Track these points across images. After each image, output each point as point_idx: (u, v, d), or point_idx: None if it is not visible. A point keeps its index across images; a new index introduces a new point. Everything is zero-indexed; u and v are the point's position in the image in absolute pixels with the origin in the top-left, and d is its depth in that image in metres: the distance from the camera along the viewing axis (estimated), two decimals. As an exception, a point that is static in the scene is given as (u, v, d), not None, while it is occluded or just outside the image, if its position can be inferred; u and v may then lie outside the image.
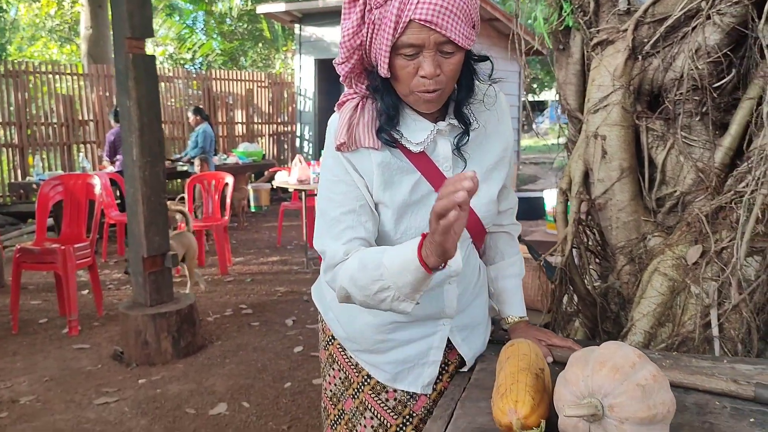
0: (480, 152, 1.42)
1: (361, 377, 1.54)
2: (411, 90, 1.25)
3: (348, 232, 1.33)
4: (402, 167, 1.35)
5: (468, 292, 1.53)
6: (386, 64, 1.22)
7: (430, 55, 1.19)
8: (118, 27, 3.83)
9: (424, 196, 1.36)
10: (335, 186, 1.36)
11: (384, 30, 1.18)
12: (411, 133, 1.34)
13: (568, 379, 1.08)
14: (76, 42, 18.08)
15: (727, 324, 1.71)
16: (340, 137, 1.31)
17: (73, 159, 9.31)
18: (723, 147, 1.87)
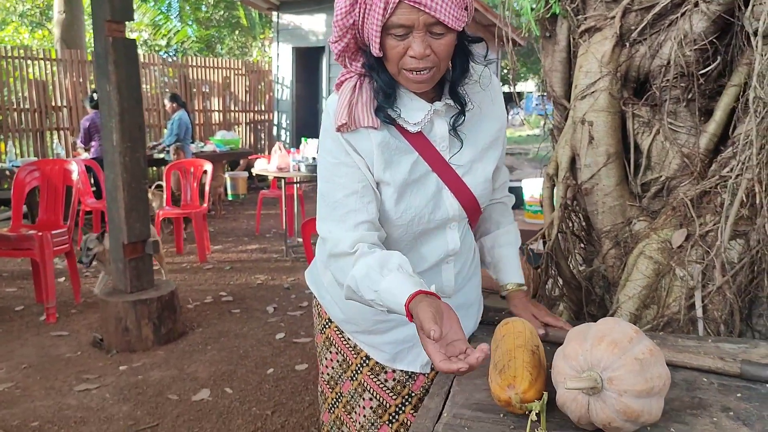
0: (475, 132, 1.44)
1: (360, 359, 1.55)
2: (400, 69, 1.26)
3: (352, 215, 1.34)
4: (400, 147, 1.36)
5: (464, 271, 1.56)
6: (378, 43, 1.23)
7: (419, 35, 1.20)
8: (97, 10, 3.77)
9: (423, 176, 1.38)
10: (336, 168, 1.36)
11: (374, 10, 1.19)
12: (408, 112, 1.35)
13: (568, 354, 1.11)
14: (48, 27, 17.73)
15: (710, 305, 1.76)
16: (340, 118, 1.31)
17: (46, 145, 9.14)
18: (708, 133, 1.91)
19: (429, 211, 1.40)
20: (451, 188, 1.41)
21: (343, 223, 1.34)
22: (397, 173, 1.36)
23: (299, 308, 4.68)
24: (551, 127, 2.50)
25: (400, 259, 1.27)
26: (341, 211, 1.35)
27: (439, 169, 1.39)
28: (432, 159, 1.38)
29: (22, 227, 4.74)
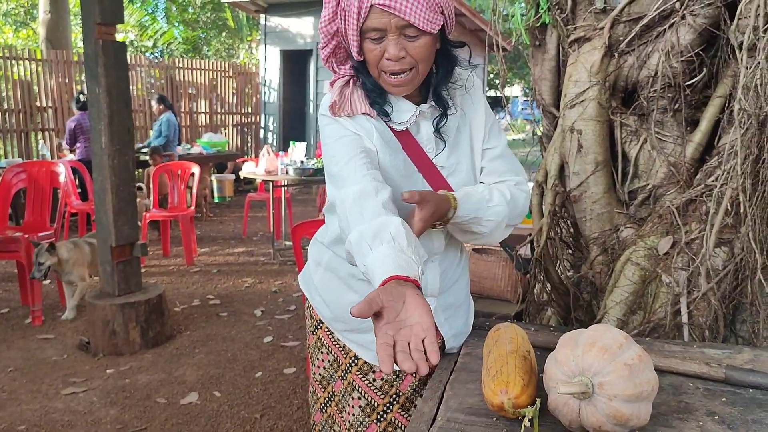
0: (459, 134, 1.48)
1: (349, 358, 1.57)
2: (380, 72, 1.32)
3: (357, 171, 1.30)
4: (393, 143, 1.41)
5: (450, 271, 1.57)
6: (357, 47, 1.30)
7: (393, 38, 1.26)
8: (87, 12, 3.76)
9: (410, 175, 1.43)
10: (336, 144, 1.38)
11: (350, 16, 1.27)
12: (396, 113, 1.41)
13: (559, 359, 1.14)
14: (32, 26, 17.58)
15: (696, 311, 1.80)
16: (332, 99, 1.36)
17: (30, 146, 9.07)
18: (693, 142, 1.96)
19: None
20: (436, 189, 1.43)
21: (347, 179, 1.31)
22: (394, 164, 1.40)
23: (287, 312, 4.69)
24: (540, 134, 2.54)
25: (397, 229, 1.17)
26: (345, 173, 1.32)
27: (424, 170, 1.43)
28: (418, 159, 1.43)
29: (8, 229, 4.71)
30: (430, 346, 0.96)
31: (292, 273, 5.75)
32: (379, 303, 1.00)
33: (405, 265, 1.10)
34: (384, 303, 1.01)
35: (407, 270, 1.09)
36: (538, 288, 2.35)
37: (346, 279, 1.53)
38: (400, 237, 1.16)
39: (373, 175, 1.30)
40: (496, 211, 1.44)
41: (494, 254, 3.15)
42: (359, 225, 1.21)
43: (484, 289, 3.06)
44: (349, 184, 1.29)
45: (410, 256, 1.13)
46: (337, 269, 1.54)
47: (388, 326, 1.00)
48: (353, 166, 1.32)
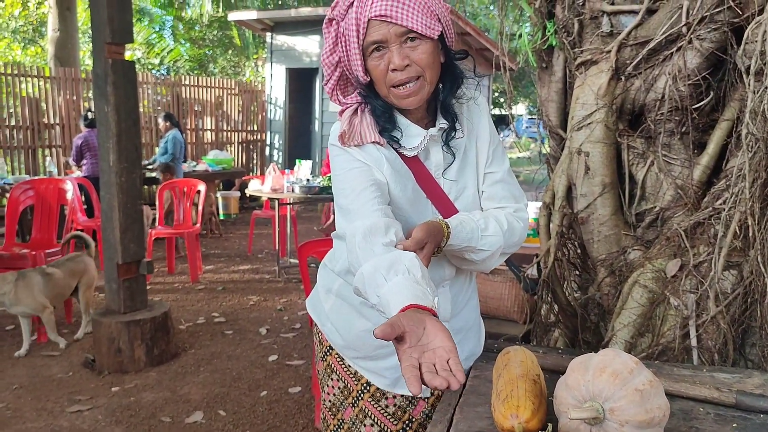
0: (465, 158, 1.48)
1: (360, 385, 1.57)
2: (389, 88, 1.32)
3: (367, 205, 1.31)
4: (403, 170, 1.41)
5: (461, 295, 1.58)
6: (361, 67, 1.31)
7: (395, 47, 1.27)
8: (97, 32, 3.81)
9: (419, 200, 1.43)
10: (346, 175, 1.38)
11: (350, 36, 1.29)
12: (405, 138, 1.40)
13: (570, 384, 1.14)
14: (40, 44, 17.75)
15: (704, 335, 1.79)
16: (341, 129, 1.37)
17: (38, 163, 9.12)
18: (701, 165, 1.96)
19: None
20: (444, 214, 1.44)
21: (358, 213, 1.32)
22: (403, 193, 1.40)
23: (292, 330, 4.68)
24: (546, 154, 2.55)
25: (411, 262, 1.19)
26: (356, 206, 1.33)
27: (433, 197, 1.44)
28: (428, 186, 1.43)
29: (15, 246, 4.72)
30: (455, 366, 0.97)
31: (297, 291, 5.74)
32: (401, 327, 1.01)
33: (421, 295, 1.11)
34: (406, 327, 1.02)
35: (424, 300, 1.10)
36: (545, 309, 2.35)
37: (357, 307, 1.52)
38: (414, 269, 1.17)
39: (384, 211, 1.31)
40: (490, 241, 1.43)
41: (501, 274, 3.15)
42: (371, 259, 1.21)
43: (490, 309, 3.05)
44: (360, 218, 1.30)
45: (425, 288, 1.14)
46: (348, 297, 1.53)
47: (411, 350, 1.00)
48: (363, 200, 1.32)
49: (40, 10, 16.51)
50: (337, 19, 1.32)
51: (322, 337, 1.65)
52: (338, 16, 1.32)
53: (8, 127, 8.86)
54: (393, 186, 1.39)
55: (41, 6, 16.17)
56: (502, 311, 3.07)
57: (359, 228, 1.27)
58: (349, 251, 1.30)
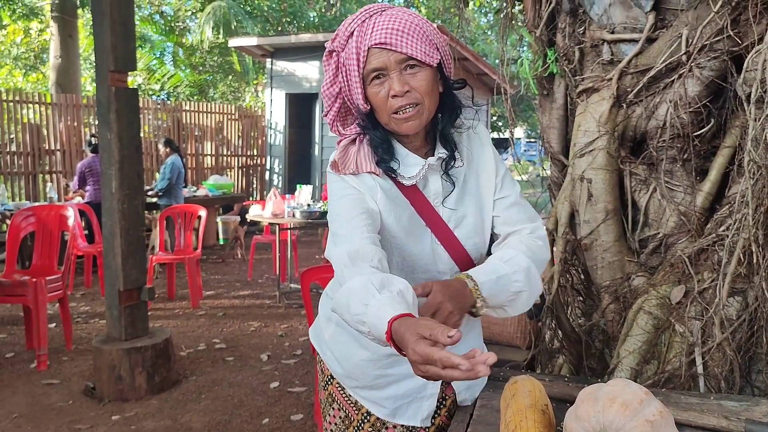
0: (467, 185, 1.48)
1: (361, 415, 1.56)
2: (389, 114, 1.33)
3: (355, 232, 1.32)
4: (399, 199, 1.42)
5: (462, 324, 1.55)
6: (362, 96, 1.33)
7: (395, 74, 1.30)
8: (101, 59, 3.84)
9: (418, 230, 1.43)
10: (340, 202, 1.39)
11: (351, 65, 1.31)
12: (404, 167, 1.41)
13: (580, 415, 1.13)
14: (41, 70, 17.88)
15: (711, 362, 1.79)
16: (335, 157, 1.40)
17: (38, 188, 9.14)
18: (703, 192, 1.97)
19: (424, 263, 1.44)
20: (444, 244, 1.44)
21: (345, 241, 1.32)
22: (398, 222, 1.41)
23: (293, 356, 4.66)
24: (548, 180, 2.56)
25: (405, 286, 1.18)
26: (344, 232, 1.34)
27: (432, 225, 1.44)
28: (426, 213, 1.43)
29: (15, 273, 4.71)
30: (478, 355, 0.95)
31: (298, 317, 5.72)
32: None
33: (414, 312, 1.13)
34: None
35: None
36: (549, 335, 2.34)
37: (356, 336, 1.50)
38: (407, 293, 1.17)
39: (371, 239, 1.32)
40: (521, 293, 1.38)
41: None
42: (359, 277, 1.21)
43: (493, 335, 3.04)
44: (347, 242, 1.31)
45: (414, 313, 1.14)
46: (347, 326, 1.52)
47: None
48: (352, 226, 1.34)
49: (42, 37, 16.67)
50: (338, 50, 1.35)
51: (324, 366, 1.65)
52: (338, 47, 1.34)
53: (9, 153, 8.90)
54: (386, 215, 1.40)
55: (43, 33, 16.33)
56: (506, 337, 3.06)
57: (345, 251, 1.28)
58: (336, 274, 1.32)
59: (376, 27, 1.29)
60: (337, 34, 1.35)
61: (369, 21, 1.30)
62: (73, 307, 5.85)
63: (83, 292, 6.56)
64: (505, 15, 2.80)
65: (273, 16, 16.32)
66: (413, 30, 1.29)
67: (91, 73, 17.72)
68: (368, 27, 1.30)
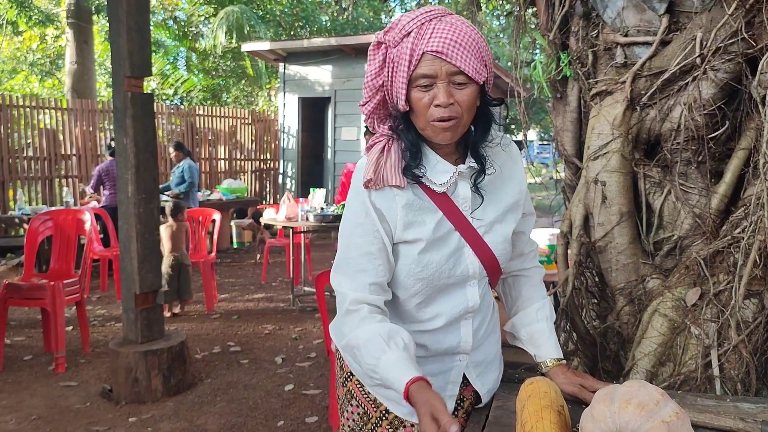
0: (496, 194, 1.51)
1: (379, 412, 1.58)
2: (427, 120, 1.35)
3: (361, 275, 1.43)
4: (425, 207, 1.44)
5: (483, 328, 1.60)
6: (404, 96, 1.33)
7: (443, 84, 1.30)
8: (117, 65, 3.89)
9: (446, 234, 1.45)
10: (356, 229, 1.44)
11: (401, 65, 1.32)
12: (434, 173, 1.43)
13: (595, 416, 1.14)
14: (57, 76, 18.07)
15: (727, 364, 1.78)
16: (367, 174, 1.40)
17: (54, 193, 9.24)
18: (718, 194, 1.97)
19: (450, 267, 1.46)
20: (472, 246, 1.47)
21: (352, 280, 1.43)
22: (420, 231, 1.43)
23: (307, 359, 4.68)
24: (562, 183, 2.57)
25: (407, 338, 1.38)
26: (353, 268, 1.44)
27: (461, 228, 1.46)
28: (455, 218, 1.45)
29: (33, 276, 4.77)
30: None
31: (312, 320, 5.75)
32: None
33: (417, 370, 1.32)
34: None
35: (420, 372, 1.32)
36: (563, 338, 2.34)
37: None
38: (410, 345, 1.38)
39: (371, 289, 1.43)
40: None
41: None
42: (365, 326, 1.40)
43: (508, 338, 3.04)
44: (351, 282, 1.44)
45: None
46: None
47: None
48: (359, 265, 1.43)
49: (58, 44, 16.86)
50: (389, 45, 1.34)
51: (343, 362, 1.66)
52: (390, 42, 1.34)
53: (26, 158, 9.00)
54: (405, 227, 1.43)
55: (59, 39, 16.51)
56: (520, 340, 3.06)
57: (348, 296, 1.43)
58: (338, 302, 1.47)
59: (434, 33, 1.28)
60: (391, 28, 1.34)
61: (428, 25, 1.30)
62: (90, 311, 5.91)
63: (99, 296, 6.63)
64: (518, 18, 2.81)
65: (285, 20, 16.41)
66: (469, 44, 1.29)
67: (106, 79, 17.90)
68: (426, 31, 1.29)
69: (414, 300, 1.49)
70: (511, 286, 1.71)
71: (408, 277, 1.46)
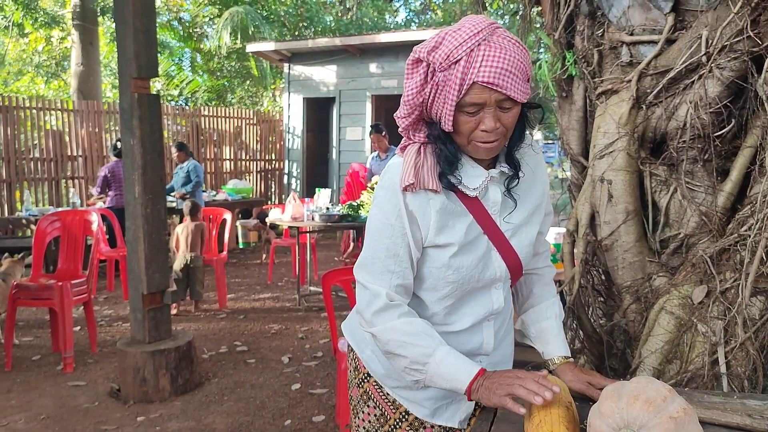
0: (525, 196, 1.52)
1: (399, 414, 1.59)
2: (470, 141, 1.35)
3: (387, 276, 1.44)
4: (456, 211, 1.44)
5: (502, 329, 1.62)
6: (451, 120, 1.31)
7: (491, 111, 1.29)
8: (124, 66, 3.91)
9: (475, 238, 1.46)
10: (384, 228, 1.44)
11: (448, 91, 1.28)
12: (468, 179, 1.43)
13: (603, 412, 1.15)
14: (63, 77, 18.14)
15: (734, 361, 1.79)
16: (408, 178, 1.38)
17: (61, 194, 9.28)
18: (724, 192, 1.98)
19: (479, 271, 1.48)
20: (500, 250, 1.49)
21: (379, 279, 1.44)
22: (452, 235, 1.43)
23: (314, 358, 4.69)
24: (568, 181, 2.58)
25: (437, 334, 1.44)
26: (379, 268, 1.44)
27: (489, 232, 1.47)
28: (484, 222, 1.46)
29: (41, 277, 4.80)
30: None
31: (318, 319, 5.76)
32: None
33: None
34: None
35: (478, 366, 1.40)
36: (570, 336, 2.35)
37: None
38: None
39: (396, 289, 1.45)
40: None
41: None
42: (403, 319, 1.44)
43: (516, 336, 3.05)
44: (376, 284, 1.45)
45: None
46: None
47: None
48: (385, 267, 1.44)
49: (63, 45, 16.91)
50: (434, 66, 1.29)
51: (359, 363, 1.66)
52: (437, 65, 1.29)
53: (32, 159, 9.05)
54: (436, 237, 1.43)
55: (64, 41, 16.57)
56: (526, 338, 3.07)
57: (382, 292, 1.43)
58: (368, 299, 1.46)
59: (485, 62, 1.25)
60: (435, 47, 1.29)
61: (477, 51, 1.25)
62: (97, 311, 5.94)
63: (106, 296, 6.65)
64: (523, 17, 2.82)
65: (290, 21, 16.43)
66: (518, 69, 1.27)
67: (111, 80, 17.96)
68: (476, 59, 1.25)
69: (443, 303, 1.50)
70: (522, 284, 1.71)
71: (438, 280, 1.47)
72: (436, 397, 1.55)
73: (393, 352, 1.42)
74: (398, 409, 1.59)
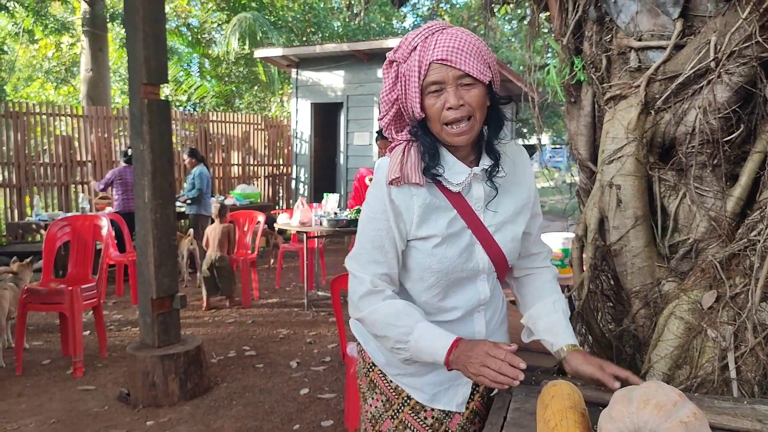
0: (507, 196, 1.61)
1: (401, 399, 1.68)
2: (442, 124, 1.45)
3: (373, 266, 1.55)
4: (440, 205, 1.54)
5: (494, 319, 1.72)
6: (418, 105, 1.44)
7: (452, 88, 1.42)
8: (134, 72, 3.94)
9: (458, 231, 1.56)
10: (370, 222, 1.56)
11: (412, 77, 1.44)
12: (451, 174, 1.53)
13: (614, 416, 1.15)
14: (72, 83, 18.25)
15: (744, 367, 1.79)
16: (393, 173, 1.49)
17: (70, 199, 9.33)
18: (734, 197, 1.98)
19: (462, 262, 1.56)
20: (483, 244, 1.58)
21: (365, 268, 1.56)
22: (434, 228, 1.53)
23: (322, 363, 4.70)
24: (577, 187, 2.58)
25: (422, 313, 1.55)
26: (366, 258, 1.56)
27: (473, 227, 1.56)
28: (468, 217, 1.56)
29: (51, 281, 4.83)
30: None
31: (326, 324, 5.77)
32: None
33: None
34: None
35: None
36: (579, 341, 2.35)
37: None
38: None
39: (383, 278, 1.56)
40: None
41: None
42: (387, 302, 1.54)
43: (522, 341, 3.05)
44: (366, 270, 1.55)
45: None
46: None
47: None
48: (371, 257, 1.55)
49: (73, 51, 17.03)
50: (399, 62, 1.46)
51: (365, 354, 1.76)
52: (400, 59, 1.46)
53: (42, 164, 9.10)
54: (418, 230, 1.53)
55: (74, 47, 16.68)
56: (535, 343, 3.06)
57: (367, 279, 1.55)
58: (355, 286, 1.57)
59: (438, 44, 1.40)
60: (399, 46, 1.46)
61: (431, 38, 1.42)
62: (106, 315, 5.97)
63: (115, 301, 6.69)
64: (531, 23, 2.83)
65: (298, 26, 16.47)
66: (471, 49, 1.40)
67: (120, 86, 18.06)
68: (431, 43, 1.41)
69: (431, 292, 1.59)
70: (523, 284, 1.78)
71: (424, 271, 1.56)
72: (435, 383, 1.65)
73: (379, 333, 1.54)
74: (400, 395, 1.68)
